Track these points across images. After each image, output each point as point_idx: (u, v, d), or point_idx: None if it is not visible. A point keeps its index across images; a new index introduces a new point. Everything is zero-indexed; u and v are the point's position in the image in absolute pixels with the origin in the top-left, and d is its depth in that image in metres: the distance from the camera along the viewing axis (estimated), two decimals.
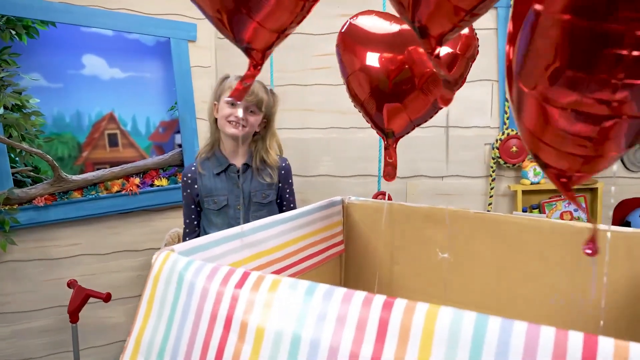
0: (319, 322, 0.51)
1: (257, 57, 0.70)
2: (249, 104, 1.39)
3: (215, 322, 0.56)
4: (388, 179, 0.91)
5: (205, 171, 1.44)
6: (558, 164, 0.52)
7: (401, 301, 0.50)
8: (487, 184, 2.04)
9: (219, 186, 1.43)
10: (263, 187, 1.46)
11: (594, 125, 0.44)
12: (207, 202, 1.44)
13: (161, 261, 0.64)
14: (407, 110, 0.85)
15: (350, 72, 0.86)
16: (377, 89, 0.84)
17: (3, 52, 1.82)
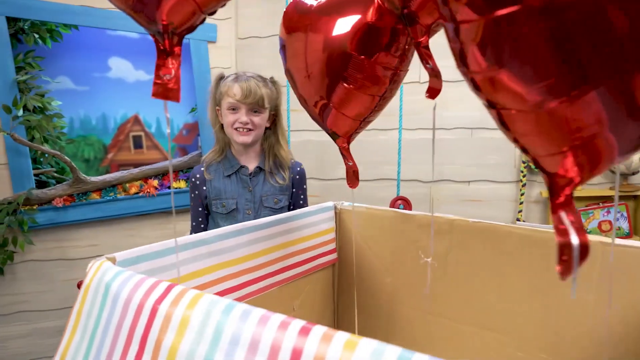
0: (232, 347, 0.44)
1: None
2: (251, 106, 1.31)
3: (132, 340, 0.51)
4: (351, 186, 0.82)
5: (213, 174, 1.38)
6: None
7: (319, 329, 0.42)
8: (517, 190, 1.90)
9: (228, 189, 1.36)
10: (275, 191, 1.38)
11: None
12: (215, 205, 1.37)
13: (94, 270, 0.59)
14: (339, 107, 0.74)
15: (285, 68, 0.77)
16: (304, 86, 0.74)
17: (27, 55, 1.86)
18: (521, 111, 0.39)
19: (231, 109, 1.31)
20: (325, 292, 1.05)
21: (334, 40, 0.69)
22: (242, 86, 1.29)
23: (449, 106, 1.93)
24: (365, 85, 0.71)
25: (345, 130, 0.77)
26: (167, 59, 0.57)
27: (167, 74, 0.58)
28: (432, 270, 0.92)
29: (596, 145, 0.38)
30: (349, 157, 0.83)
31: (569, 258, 0.40)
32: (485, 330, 0.88)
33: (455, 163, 1.96)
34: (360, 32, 0.68)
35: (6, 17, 1.80)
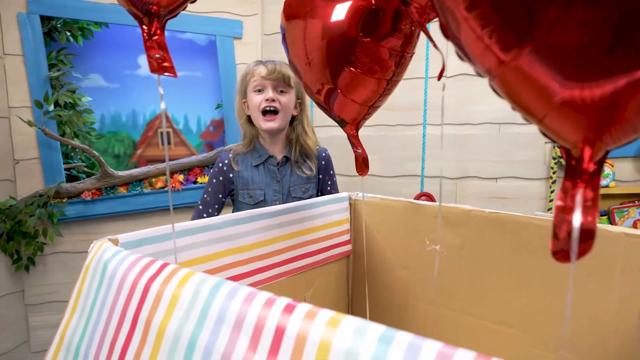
0: (217, 325, 0.43)
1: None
2: (276, 82, 1.29)
3: (124, 319, 0.50)
4: (361, 174, 0.80)
5: (241, 164, 1.35)
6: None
7: (303, 306, 0.40)
8: (546, 187, 1.83)
9: (256, 179, 1.34)
10: (302, 180, 1.36)
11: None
12: (242, 195, 1.33)
13: (95, 250, 0.60)
14: (346, 93, 0.71)
15: (289, 56, 0.75)
16: (307, 72, 0.72)
17: (60, 53, 1.92)
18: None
19: (257, 90, 1.30)
20: (339, 284, 1.03)
21: (337, 24, 0.67)
22: (267, 66, 1.29)
23: (475, 101, 1.88)
24: (372, 69, 0.69)
25: (353, 117, 0.76)
26: (153, 41, 0.58)
27: (155, 54, 0.60)
28: (446, 263, 0.89)
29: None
30: (358, 145, 0.81)
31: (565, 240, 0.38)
32: (502, 326, 0.85)
33: (482, 159, 1.90)
34: (365, 14, 0.67)
35: (40, 15, 1.85)
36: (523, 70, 0.35)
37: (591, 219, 0.37)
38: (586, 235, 0.36)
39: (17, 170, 1.83)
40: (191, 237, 0.72)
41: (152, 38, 0.62)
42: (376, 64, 0.69)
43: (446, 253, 0.86)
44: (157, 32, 0.62)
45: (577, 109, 0.34)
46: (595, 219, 0.36)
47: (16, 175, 1.83)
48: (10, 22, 1.80)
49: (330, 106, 0.74)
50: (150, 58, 0.59)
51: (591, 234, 0.36)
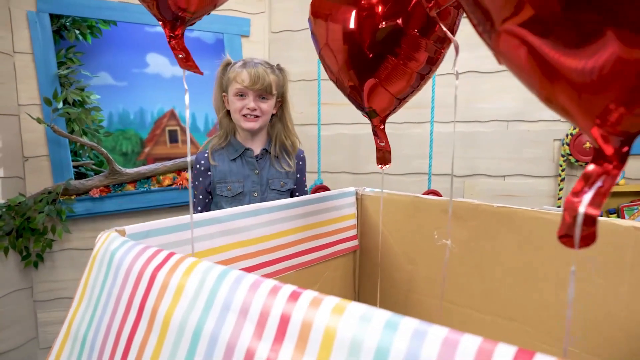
0: (222, 313, 0.43)
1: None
2: (259, 92, 1.30)
3: (130, 308, 0.50)
4: (382, 166, 0.80)
5: (218, 159, 1.36)
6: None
7: (309, 293, 0.40)
8: (555, 185, 1.81)
9: (234, 171, 1.35)
10: (281, 175, 1.38)
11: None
12: (219, 189, 1.34)
13: (102, 241, 0.60)
14: (386, 84, 0.72)
15: (322, 45, 0.76)
16: (349, 59, 0.73)
17: (69, 51, 1.93)
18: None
19: (239, 95, 1.31)
20: (346, 279, 1.03)
21: (385, 14, 0.68)
22: (250, 72, 1.29)
23: (483, 98, 1.87)
24: (413, 62, 0.70)
25: (384, 107, 0.76)
26: (175, 42, 0.61)
27: (180, 54, 0.63)
28: (453, 257, 0.89)
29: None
30: (383, 137, 0.82)
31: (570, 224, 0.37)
32: (510, 321, 0.84)
33: (490, 157, 1.89)
34: (415, 7, 0.67)
35: (49, 14, 1.87)
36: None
37: (596, 205, 0.36)
38: (588, 222, 0.35)
39: (26, 167, 1.84)
40: (198, 229, 0.72)
41: (175, 40, 0.64)
42: (418, 57, 0.70)
43: (456, 248, 0.85)
44: (178, 36, 0.65)
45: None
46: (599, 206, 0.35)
47: (25, 172, 1.85)
48: (20, 20, 1.82)
49: (363, 96, 0.75)
50: (176, 57, 0.64)
51: (592, 221, 0.35)
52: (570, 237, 0.38)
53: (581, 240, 0.37)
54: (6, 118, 1.77)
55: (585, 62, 0.33)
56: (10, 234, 1.76)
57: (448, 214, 0.90)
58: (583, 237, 0.36)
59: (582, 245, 0.38)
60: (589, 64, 0.33)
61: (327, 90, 1.99)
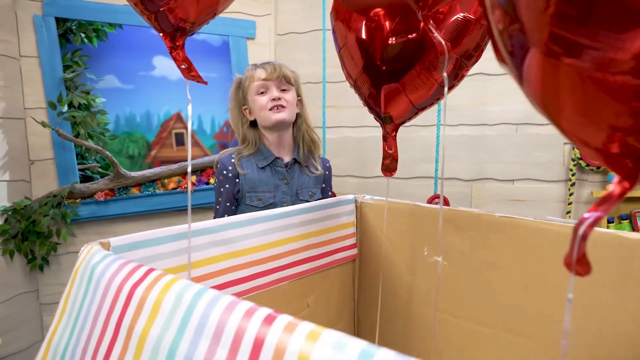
0: (197, 335, 0.42)
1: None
2: (278, 81, 1.29)
3: (107, 326, 0.49)
4: (387, 174, 0.78)
5: (247, 168, 1.31)
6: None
7: (283, 318, 0.38)
8: (565, 190, 1.77)
9: (264, 181, 1.30)
10: (310, 183, 1.35)
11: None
12: (249, 198, 1.29)
13: (84, 254, 0.58)
14: (408, 91, 0.71)
15: (342, 45, 0.74)
16: (370, 64, 0.71)
17: (74, 54, 1.93)
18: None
19: (260, 92, 1.29)
20: (344, 289, 1.01)
21: (421, 29, 0.67)
22: (265, 67, 1.30)
23: (492, 100, 1.83)
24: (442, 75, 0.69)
25: (399, 113, 0.75)
26: (176, 52, 0.60)
27: (182, 65, 0.62)
28: (454, 268, 0.86)
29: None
30: (393, 144, 0.80)
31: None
32: (513, 335, 0.81)
33: (498, 161, 1.85)
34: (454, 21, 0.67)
35: (55, 17, 1.87)
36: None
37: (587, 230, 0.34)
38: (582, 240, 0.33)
39: (32, 170, 1.85)
40: (186, 240, 0.71)
41: (175, 51, 0.64)
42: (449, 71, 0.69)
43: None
44: (179, 46, 0.64)
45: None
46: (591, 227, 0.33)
47: (31, 176, 1.85)
48: (27, 24, 1.82)
49: (380, 101, 0.73)
50: (179, 67, 0.65)
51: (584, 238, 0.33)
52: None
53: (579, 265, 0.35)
54: (12, 121, 1.78)
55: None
56: (16, 237, 1.76)
57: (449, 223, 0.87)
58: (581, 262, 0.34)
59: (580, 272, 0.35)
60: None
61: (333, 93, 1.97)
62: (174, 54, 0.61)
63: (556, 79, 0.28)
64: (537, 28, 0.28)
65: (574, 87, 0.28)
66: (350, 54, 0.74)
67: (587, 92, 0.27)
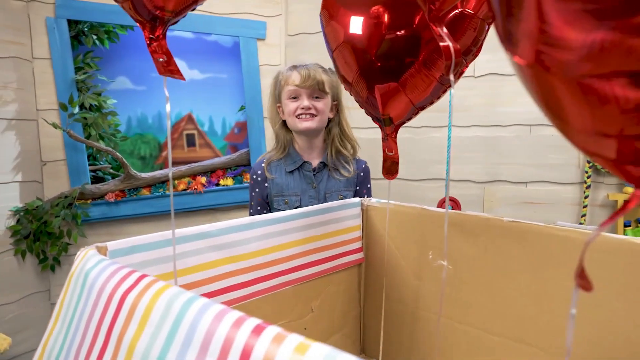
0: (185, 346, 0.40)
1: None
2: (311, 90, 1.26)
3: (98, 334, 0.48)
4: (389, 177, 0.76)
5: (275, 171, 1.32)
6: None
7: (272, 329, 0.37)
8: (580, 192, 1.73)
9: (291, 185, 1.31)
10: (340, 186, 1.33)
11: None
12: (276, 202, 1.31)
13: (80, 259, 0.57)
14: (406, 90, 0.68)
15: (335, 47, 0.72)
16: (367, 64, 0.69)
17: (86, 56, 1.94)
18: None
19: (292, 97, 1.28)
20: (350, 293, 0.99)
21: (418, 23, 0.64)
22: (300, 72, 1.26)
23: (505, 101, 1.79)
24: (441, 71, 0.66)
25: (399, 114, 0.72)
26: (156, 44, 0.57)
27: (160, 58, 0.59)
28: (462, 274, 0.84)
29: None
30: (394, 146, 0.78)
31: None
32: (520, 343, 0.79)
33: (512, 162, 1.82)
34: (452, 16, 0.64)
35: (67, 20, 1.88)
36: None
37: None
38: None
39: (44, 171, 1.87)
40: (186, 244, 0.70)
41: (156, 42, 0.61)
42: (442, 65, 0.66)
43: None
44: (159, 37, 0.61)
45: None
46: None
47: (43, 177, 1.87)
48: (39, 26, 1.84)
49: (379, 102, 0.71)
50: (156, 62, 0.60)
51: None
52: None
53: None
54: (25, 123, 1.80)
55: None
56: (28, 238, 1.78)
57: (456, 227, 0.85)
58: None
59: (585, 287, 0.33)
60: None
61: (344, 94, 1.95)
62: (153, 45, 0.58)
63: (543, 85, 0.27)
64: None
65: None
66: (345, 55, 0.72)
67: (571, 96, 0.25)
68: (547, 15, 0.25)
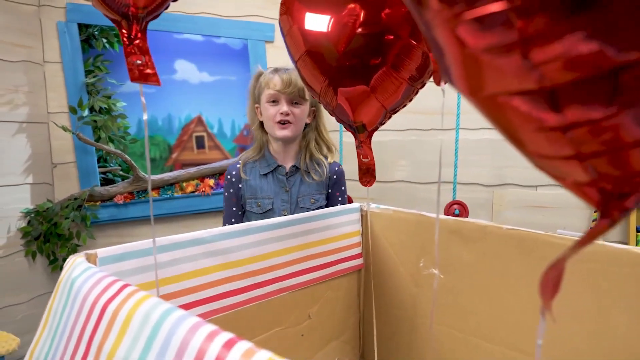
0: (160, 356, 0.40)
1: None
2: (291, 96, 1.26)
3: (80, 342, 0.48)
4: (366, 184, 0.75)
5: (249, 173, 1.33)
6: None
7: (243, 344, 0.36)
8: None
9: (264, 188, 1.32)
10: (312, 190, 1.33)
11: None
12: (249, 204, 1.32)
13: (68, 266, 0.58)
14: (377, 93, 0.66)
15: (299, 55, 0.69)
16: (334, 68, 0.66)
17: (96, 59, 1.96)
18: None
19: (271, 101, 1.28)
20: (349, 300, 0.98)
21: (383, 23, 0.62)
22: (282, 77, 1.26)
23: None
24: (410, 72, 0.65)
25: (371, 119, 0.71)
26: (134, 46, 0.55)
27: (137, 60, 0.57)
28: (459, 281, 0.83)
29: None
30: (369, 153, 0.76)
31: None
32: (518, 353, 0.77)
33: (520, 165, 1.79)
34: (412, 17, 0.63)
35: (78, 23, 1.91)
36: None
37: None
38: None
39: (55, 173, 1.89)
40: (177, 251, 0.70)
41: (133, 43, 0.59)
42: (417, 68, 0.65)
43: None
44: (137, 36, 0.59)
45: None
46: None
47: (54, 179, 1.89)
48: (51, 30, 1.86)
49: (349, 109, 0.70)
50: (130, 65, 0.57)
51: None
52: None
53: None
54: (36, 126, 1.82)
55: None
56: (38, 239, 1.80)
57: (455, 234, 0.84)
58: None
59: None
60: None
61: None
62: (129, 48, 0.56)
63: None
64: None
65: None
66: (310, 64, 0.69)
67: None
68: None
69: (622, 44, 0.17)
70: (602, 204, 0.25)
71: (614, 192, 0.24)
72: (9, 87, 1.70)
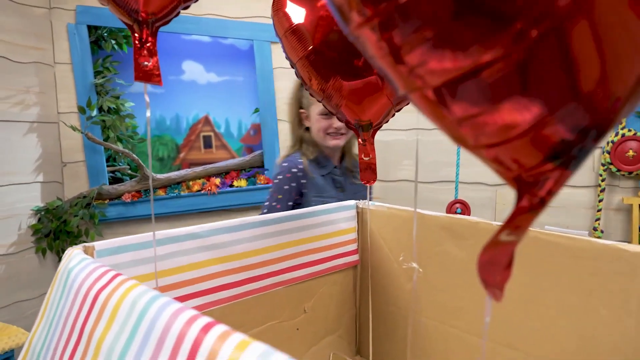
0: (144, 341, 0.42)
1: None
2: None
3: (73, 331, 0.50)
4: (367, 182, 0.76)
5: (314, 173, 1.33)
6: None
7: (219, 327, 0.38)
8: (594, 195, 1.69)
9: (327, 188, 1.33)
10: (358, 188, 1.36)
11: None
12: (315, 202, 1.28)
13: (66, 258, 0.60)
14: (385, 86, 0.67)
15: (301, 55, 0.70)
16: (341, 64, 0.67)
17: (105, 60, 2.00)
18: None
19: (324, 114, 1.29)
20: (345, 295, 1.00)
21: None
22: None
23: None
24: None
25: (380, 119, 0.72)
26: (144, 48, 0.58)
27: (145, 62, 0.59)
28: (452, 278, 0.84)
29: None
30: (371, 151, 0.78)
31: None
32: (509, 349, 0.78)
33: None
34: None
35: (87, 25, 1.95)
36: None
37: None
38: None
39: (64, 172, 1.93)
40: (174, 244, 0.72)
41: (145, 45, 0.61)
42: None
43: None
44: (148, 40, 0.62)
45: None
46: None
47: (64, 177, 1.93)
48: (61, 32, 1.91)
49: (356, 106, 0.71)
50: (137, 66, 0.59)
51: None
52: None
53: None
54: (47, 126, 1.86)
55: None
56: (48, 236, 1.84)
57: (446, 231, 0.85)
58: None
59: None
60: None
61: None
62: (140, 50, 0.58)
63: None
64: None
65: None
66: (315, 61, 0.70)
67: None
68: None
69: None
70: (518, 191, 0.27)
71: (526, 180, 0.25)
72: (20, 87, 1.75)
